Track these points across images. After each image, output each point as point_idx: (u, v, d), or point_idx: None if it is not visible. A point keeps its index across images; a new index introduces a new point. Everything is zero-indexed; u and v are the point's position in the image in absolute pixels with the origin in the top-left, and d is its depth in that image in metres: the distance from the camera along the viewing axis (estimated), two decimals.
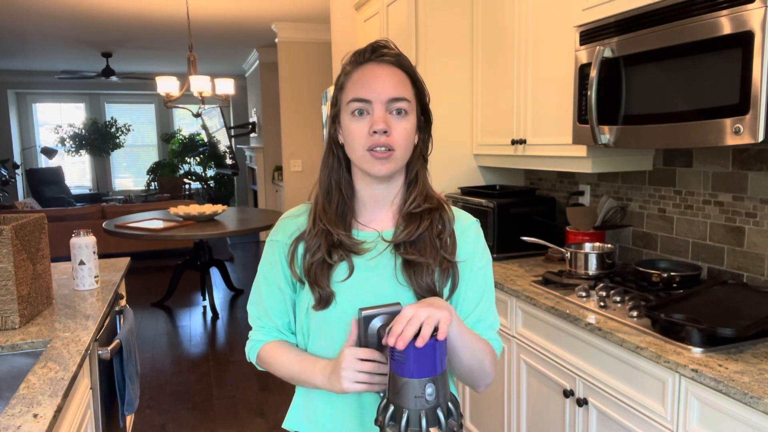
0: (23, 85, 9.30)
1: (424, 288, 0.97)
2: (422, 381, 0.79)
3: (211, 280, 4.82)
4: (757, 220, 1.71)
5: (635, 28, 1.60)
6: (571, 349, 1.70)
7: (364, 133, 0.95)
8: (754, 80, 1.27)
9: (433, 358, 0.80)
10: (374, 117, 0.94)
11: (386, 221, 1.04)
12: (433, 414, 0.80)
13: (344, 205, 1.03)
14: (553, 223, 2.46)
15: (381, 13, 3.11)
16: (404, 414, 0.79)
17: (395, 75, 0.96)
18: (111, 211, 6.47)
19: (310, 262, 0.99)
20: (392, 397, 0.81)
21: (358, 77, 0.97)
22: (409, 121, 0.97)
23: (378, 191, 1.02)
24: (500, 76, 2.48)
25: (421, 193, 1.02)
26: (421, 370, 0.79)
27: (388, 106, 0.95)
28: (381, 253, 1.00)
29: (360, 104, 0.95)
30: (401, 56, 0.99)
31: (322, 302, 0.98)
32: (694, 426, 1.28)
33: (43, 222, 1.76)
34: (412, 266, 0.98)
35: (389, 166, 0.96)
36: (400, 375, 0.80)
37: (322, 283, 0.98)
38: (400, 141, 0.95)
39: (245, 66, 8.62)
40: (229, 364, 3.64)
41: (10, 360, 1.48)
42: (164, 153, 10.41)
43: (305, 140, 6.45)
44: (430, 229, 1.00)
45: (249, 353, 1.10)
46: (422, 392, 0.79)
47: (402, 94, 0.96)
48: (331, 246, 0.99)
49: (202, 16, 5.44)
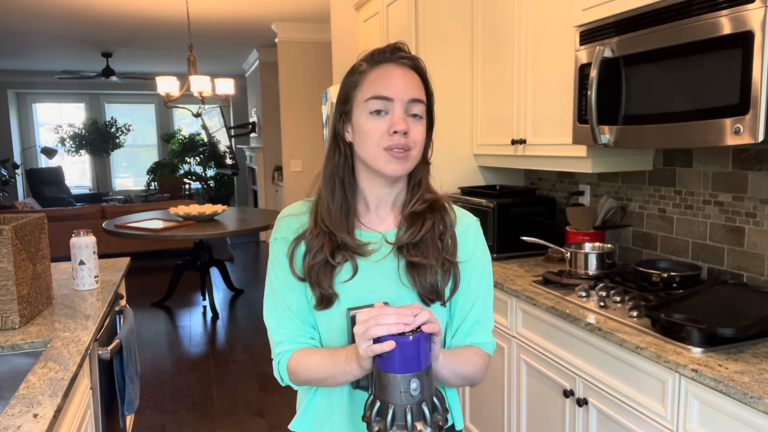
0: (23, 85, 9.30)
1: (428, 289, 0.98)
2: (407, 376, 0.80)
3: (211, 280, 4.82)
4: (757, 220, 1.71)
5: (635, 28, 1.60)
6: (571, 349, 1.70)
7: (383, 132, 0.94)
8: (754, 80, 1.27)
9: (418, 354, 0.81)
10: (395, 117, 0.94)
11: (388, 222, 1.04)
12: (419, 409, 0.81)
13: (347, 204, 1.02)
14: (553, 223, 2.46)
15: (381, 13, 3.11)
16: (390, 409, 0.81)
17: (414, 78, 0.98)
18: (111, 211, 6.47)
19: (311, 264, 0.98)
20: (378, 393, 0.83)
21: (377, 76, 0.96)
22: (423, 123, 0.98)
23: (383, 192, 1.02)
24: (500, 76, 2.48)
25: (424, 194, 1.03)
26: (406, 365, 0.81)
27: (408, 107, 0.95)
28: (385, 256, 1.00)
29: (380, 102, 0.95)
30: (418, 60, 1.01)
31: (323, 302, 0.98)
32: (694, 426, 1.28)
33: (43, 222, 1.76)
34: (415, 268, 0.98)
35: (406, 166, 0.97)
36: (386, 371, 0.81)
37: (323, 284, 0.97)
38: (417, 142, 0.97)
39: (245, 66, 8.62)
40: (229, 364, 3.64)
41: (10, 360, 1.48)
42: (164, 153, 10.41)
43: (305, 140, 6.45)
44: (432, 230, 1.01)
45: (279, 370, 1.02)
46: (407, 387, 0.80)
47: (420, 96, 0.97)
48: (334, 248, 0.98)
49: (202, 16, 5.44)
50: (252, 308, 4.85)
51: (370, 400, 0.84)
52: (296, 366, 0.99)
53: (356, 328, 0.85)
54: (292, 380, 1.01)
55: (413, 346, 0.81)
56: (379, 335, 0.82)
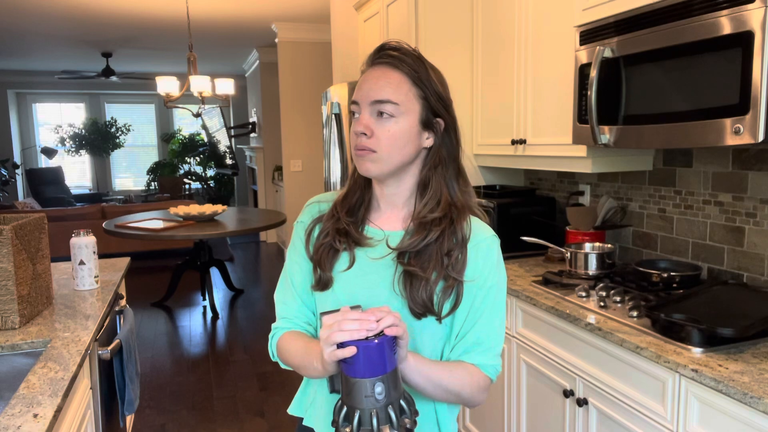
0: (23, 85, 9.30)
1: (419, 303, 0.94)
2: (371, 380, 0.80)
3: (211, 280, 4.82)
4: (757, 220, 1.71)
5: (635, 28, 1.60)
6: (571, 349, 1.70)
7: (354, 134, 0.97)
8: (754, 80, 1.27)
9: (382, 358, 0.81)
10: (359, 119, 0.96)
11: (396, 222, 1.03)
12: (384, 413, 0.81)
13: (362, 200, 1.05)
14: (553, 223, 2.46)
15: (381, 13, 3.11)
16: (356, 414, 0.81)
17: (386, 77, 0.95)
18: (111, 211, 6.47)
19: (320, 243, 1.01)
20: (345, 398, 0.83)
21: (360, 81, 0.99)
22: (397, 123, 0.94)
23: (386, 191, 1.02)
24: (500, 75, 2.48)
25: (434, 199, 0.98)
26: (370, 369, 0.80)
27: (373, 109, 0.95)
28: (383, 257, 0.99)
29: (353, 106, 0.98)
30: (401, 58, 0.96)
31: (320, 284, 1.00)
32: (694, 426, 1.28)
33: (43, 222, 1.76)
34: (410, 278, 0.94)
35: (369, 165, 0.96)
36: (350, 376, 0.81)
37: (324, 266, 1.00)
38: (383, 143, 0.95)
39: (245, 66, 8.62)
40: (229, 364, 3.64)
41: (10, 360, 1.48)
42: (164, 153, 10.41)
43: (305, 140, 6.45)
44: (438, 241, 0.96)
45: (271, 345, 1.07)
46: (372, 392, 0.80)
47: (386, 96, 0.94)
48: (337, 232, 1.00)
49: (202, 16, 5.44)
50: (252, 308, 4.85)
51: (338, 405, 0.85)
52: (282, 346, 1.04)
53: (321, 332, 0.85)
54: (279, 358, 1.05)
55: (376, 350, 0.80)
56: (341, 341, 0.81)
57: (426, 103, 0.97)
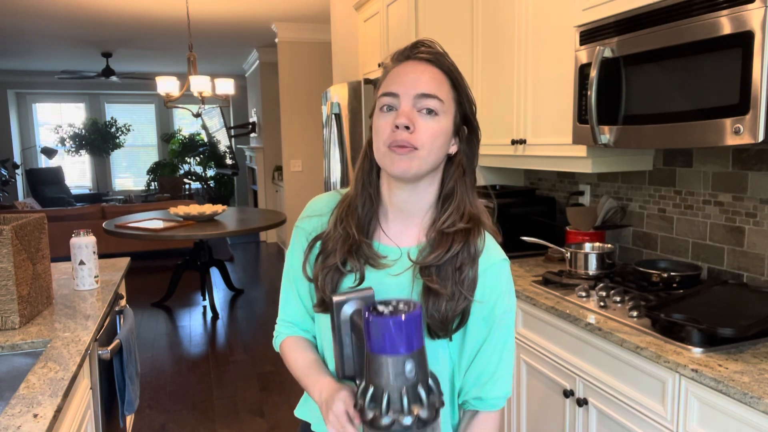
0: (23, 85, 9.30)
1: (437, 320, 0.89)
2: (401, 357, 0.76)
3: (211, 280, 4.82)
4: (757, 220, 1.71)
5: (635, 28, 1.60)
6: (571, 349, 1.70)
7: (388, 128, 0.88)
8: (754, 80, 1.27)
9: (411, 334, 0.76)
10: (399, 112, 0.87)
11: (411, 237, 0.96)
12: (414, 391, 0.76)
13: (371, 211, 0.96)
14: (553, 223, 2.46)
15: (381, 13, 3.11)
16: (384, 394, 0.76)
17: (429, 72, 0.89)
18: (111, 211, 6.47)
19: (321, 266, 0.94)
20: (372, 378, 0.78)
21: (395, 73, 0.91)
22: (438, 122, 0.89)
23: (400, 198, 0.94)
24: (500, 76, 2.48)
25: (458, 210, 0.93)
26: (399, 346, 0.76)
27: (416, 102, 0.87)
28: (401, 273, 0.93)
29: (388, 99, 0.89)
30: (441, 55, 0.92)
31: (322, 306, 0.96)
32: (694, 426, 1.28)
33: (43, 222, 1.76)
34: (430, 294, 0.89)
35: (408, 164, 0.87)
36: (378, 353, 0.76)
37: (326, 290, 0.93)
38: (425, 140, 0.87)
39: (245, 66, 8.62)
40: (229, 364, 3.64)
41: (10, 360, 1.48)
42: (164, 153, 10.41)
43: (305, 140, 6.45)
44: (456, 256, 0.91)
45: (275, 342, 1.09)
46: (402, 369, 0.76)
47: (433, 91, 0.88)
48: (347, 252, 0.93)
49: (202, 16, 5.44)
50: (252, 308, 4.85)
51: (362, 387, 0.80)
52: (284, 352, 1.05)
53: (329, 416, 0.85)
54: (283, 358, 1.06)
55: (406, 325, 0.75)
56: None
57: (460, 108, 0.93)
